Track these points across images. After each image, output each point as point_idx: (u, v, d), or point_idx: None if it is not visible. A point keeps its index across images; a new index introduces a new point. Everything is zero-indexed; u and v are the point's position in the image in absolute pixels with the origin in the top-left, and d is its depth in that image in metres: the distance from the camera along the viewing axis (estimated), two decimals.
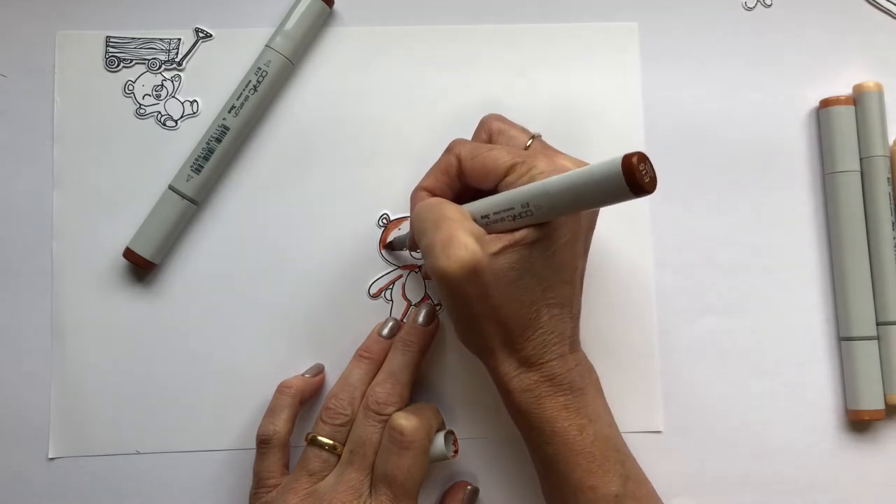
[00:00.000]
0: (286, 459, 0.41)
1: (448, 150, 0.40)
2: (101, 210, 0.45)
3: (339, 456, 0.40)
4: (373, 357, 0.42)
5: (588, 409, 0.38)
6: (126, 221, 0.45)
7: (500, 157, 0.37)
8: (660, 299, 0.46)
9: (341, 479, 0.38)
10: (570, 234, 0.37)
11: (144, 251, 0.44)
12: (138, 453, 0.44)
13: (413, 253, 0.45)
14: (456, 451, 0.41)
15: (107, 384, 0.44)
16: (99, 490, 0.44)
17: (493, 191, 0.38)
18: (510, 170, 0.37)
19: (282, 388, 0.42)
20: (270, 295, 0.45)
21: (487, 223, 0.36)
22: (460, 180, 0.39)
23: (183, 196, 0.44)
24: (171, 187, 0.44)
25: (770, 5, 0.48)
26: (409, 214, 0.46)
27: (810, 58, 0.47)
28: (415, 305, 0.45)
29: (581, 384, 0.38)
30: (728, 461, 0.45)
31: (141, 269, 0.45)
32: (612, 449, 0.38)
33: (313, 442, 0.40)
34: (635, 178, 0.30)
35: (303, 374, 0.44)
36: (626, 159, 0.30)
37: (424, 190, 0.40)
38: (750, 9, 0.48)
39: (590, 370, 0.40)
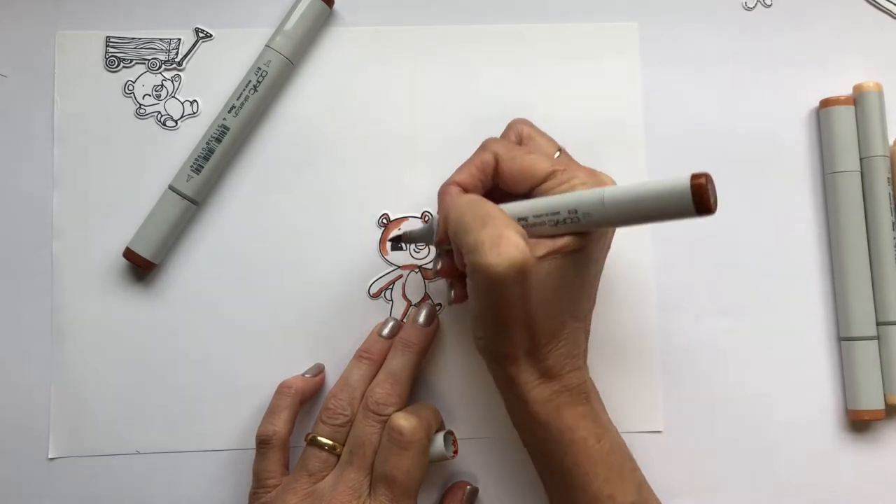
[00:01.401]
0: (286, 460, 0.41)
1: (483, 148, 0.39)
2: (101, 210, 0.45)
3: (339, 456, 0.40)
4: (372, 357, 0.42)
5: (602, 419, 0.38)
6: (126, 221, 0.45)
7: (538, 161, 0.37)
8: (660, 299, 0.46)
9: (340, 479, 0.38)
10: (599, 251, 0.37)
11: (144, 251, 0.44)
12: (138, 453, 0.44)
13: (413, 251, 0.45)
14: (455, 452, 0.41)
15: (107, 384, 0.44)
16: (99, 490, 0.44)
17: (524, 195, 0.37)
18: (549, 176, 0.36)
19: (282, 389, 0.42)
20: (270, 295, 0.45)
21: (525, 226, 0.35)
22: (493, 180, 0.38)
23: (183, 196, 0.44)
24: (171, 187, 0.44)
25: (770, 5, 0.48)
26: (409, 215, 0.46)
27: (810, 58, 0.47)
28: (415, 305, 0.45)
29: (594, 395, 0.39)
30: (728, 461, 0.45)
31: (141, 269, 0.45)
32: (626, 457, 0.39)
33: (313, 442, 0.40)
34: (703, 198, 0.30)
35: (303, 375, 0.44)
36: (696, 180, 0.30)
37: (457, 185, 0.39)
38: (750, 9, 0.48)
39: (594, 384, 0.40)
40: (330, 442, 0.40)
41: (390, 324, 0.44)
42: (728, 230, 0.46)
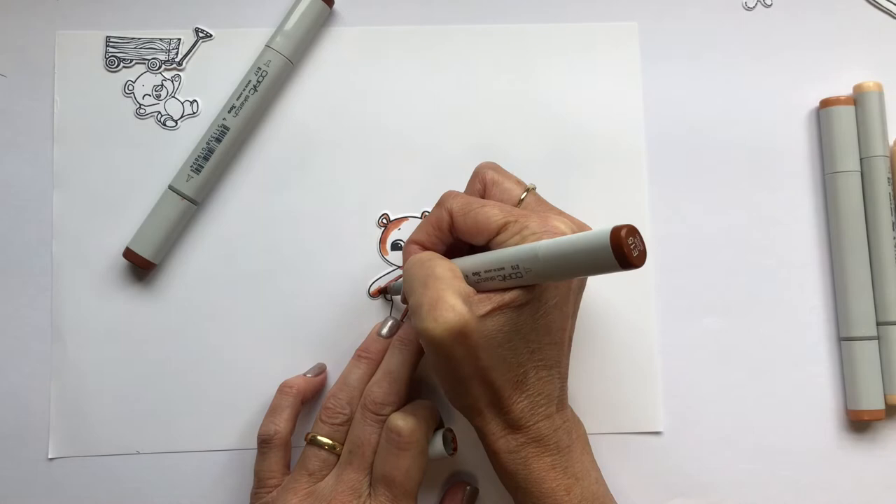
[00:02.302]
0: (287, 459, 0.41)
1: (440, 204, 0.39)
2: (101, 210, 0.45)
3: (339, 455, 0.40)
4: (371, 357, 0.42)
5: (575, 469, 0.38)
6: (126, 221, 0.45)
7: (491, 214, 0.37)
8: (660, 299, 0.46)
9: (340, 479, 0.38)
10: (560, 297, 0.36)
11: (144, 251, 0.44)
12: (138, 453, 0.44)
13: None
14: (455, 449, 0.41)
15: (107, 384, 0.44)
16: (99, 490, 0.44)
17: (486, 247, 0.37)
18: (502, 228, 0.36)
19: (283, 388, 0.42)
20: (270, 295, 0.45)
21: (478, 280, 0.35)
22: (452, 235, 0.38)
23: (183, 196, 0.44)
24: (171, 187, 0.44)
25: (770, 5, 0.48)
26: (409, 215, 0.46)
27: (810, 58, 0.47)
28: None
29: (567, 442, 0.38)
30: (728, 461, 0.45)
31: (141, 269, 0.45)
32: None
33: (312, 442, 0.40)
34: (623, 251, 0.29)
35: (304, 374, 0.44)
36: (615, 232, 0.29)
37: (416, 244, 0.39)
38: (750, 9, 0.48)
39: (577, 425, 0.40)
40: (329, 441, 0.40)
41: (389, 323, 0.44)
42: (728, 230, 0.46)
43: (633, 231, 0.29)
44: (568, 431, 0.38)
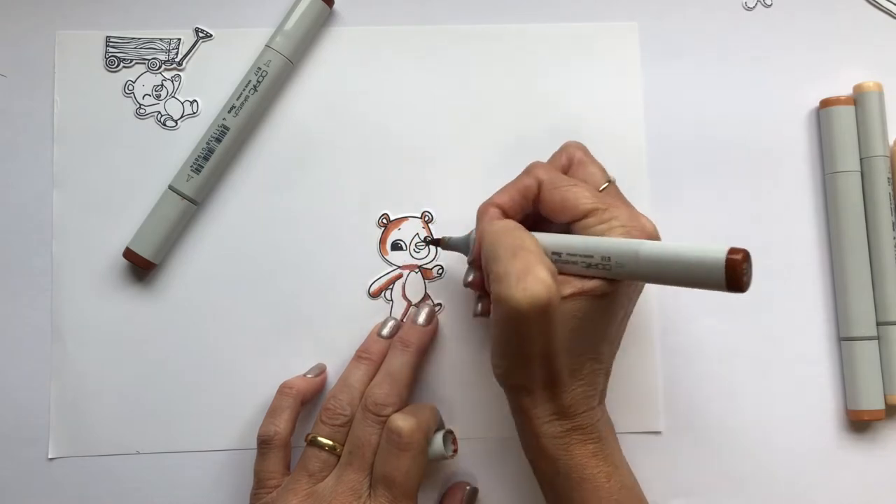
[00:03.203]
0: (287, 460, 0.41)
1: (528, 172, 0.38)
2: (101, 210, 0.45)
3: (339, 456, 0.40)
4: (371, 357, 0.42)
5: (614, 457, 0.38)
6: (126, 221, 0.45)
7: (581, 196, 0.36)
8: (660, 299, 0.46)
9: (340, 479, 0.38)
10: (628, 297, 0.37)
11: (144, 251, 0.44)
12: (138, 453, 0.44)
13: (413, 251, 0.45)
14: (455, 451, 0.41)
15: (107, 384, 0.44)
16: (99, 490, 0.44)
17: (565, 226, 0.37)
18: (590, 213, 0.36)
19: (283, 389, 0.42)
20: (270, 295, 0.45)
21: (556, 261, 0.35)
22: (534, 206, 0.38)
23: (183, 196, 0.44)
24: (171, 187, 0.44)
25: (770, 5, 0.48)
26: (409, 215, 0.46)
27: (810, 58, 0.47)
28: (415, 305, 0.45)
29: (606, 433, 0.38)
30: (728, 461, 0.45)
31: (141, 269, 0.45)
32: (635, 498, 0.38)
33: (313, 442, 0.40)
34: (736, 276, 0.29)
35: (304, 375, 0.44)
36: (732, 258, 0.29)
37: (497, 206, 0.38)
38: (750, 9, 0.48)
39: (609, 420, 0.40)
40: (330, 442, 0.40)
41: (389, 324, 0.44)
42: (728, 230, 0.46)
43: (748, 257, 0.29)
44: (606, 423, 0.39)
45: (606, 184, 0.39)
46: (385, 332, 0.43)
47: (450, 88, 0.46)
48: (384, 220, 0.46)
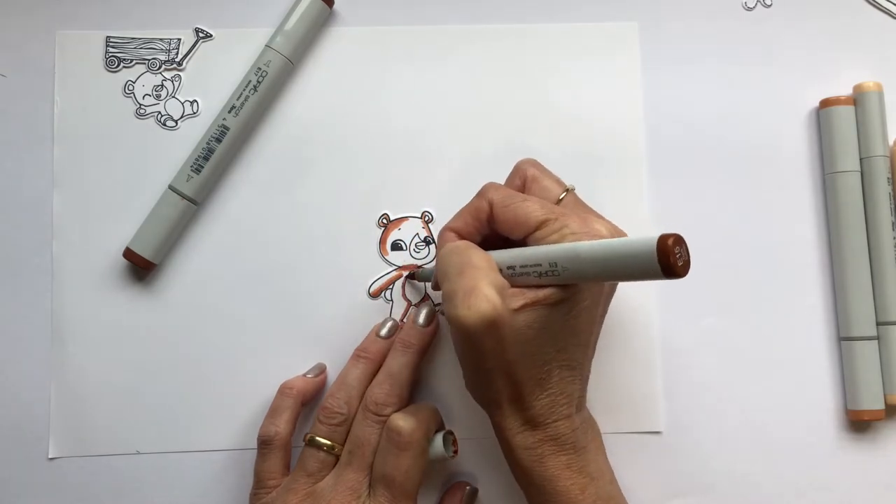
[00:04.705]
0: (287, 460, 0.41)
1: (480, 195, 0.39)
2: (101, 210, 0.45)
3: (338, 456, 0.40)
4: (370, 357, 0.42)
5: (590, 468, 0.38)
6: (126, 221, 0.45)
7: (532, 209, 0.37)
8: (660, 299, 0.46)
9: (340, 479, 0.39)
10: (592, 299, 0.36)
11: (144, 251, 0.44)
12: (138, 453, 0.44)
13: (413, 252, 0.45)
14: (455, 451, 0.41)
15: (107, 384, 0.44)
16: (99, 490, 0.44)
17: (522, 241, 0.37)
18: (541, 224, 0.36)
19: (283, 389, 0.42)
20: (270, 295, 0.45)
21: (513, 275, 0.35)
22: (489, 226, 0.38)
23: (183, 196, 0.44)
24: (171, 187, 0.44)
25: (770, 5, 0.48)
26: (409, 215, 0.46)
27: (810, 58, 0.47)
28: (415, 306, 0.45)
29: (584, 442, 0.38)
30: (728, 461, 0.45)
31: (141, 269, 0.45)
32: None
33: (311, 442, 0.40)
34: (669, 261, 0.29)
35: (304, 375, 0.44)
36: (662, 241, 0.29)
37: (452, 231, 0.39)
38: (750, 9, 0.48)
39: (592, 426, 0.40)
40: (328, 442, 0.40)
41: (388, 324, 0.44)
42: (728, 230, 0.46)
43: (679, 240, 0.29)
44: (584, 432, 0.38)
45: (564, 193, 0.39)
46: (384, 332, 0.43)
47: (450, 88, 0.47)
48: (384, 220, 0.46)
